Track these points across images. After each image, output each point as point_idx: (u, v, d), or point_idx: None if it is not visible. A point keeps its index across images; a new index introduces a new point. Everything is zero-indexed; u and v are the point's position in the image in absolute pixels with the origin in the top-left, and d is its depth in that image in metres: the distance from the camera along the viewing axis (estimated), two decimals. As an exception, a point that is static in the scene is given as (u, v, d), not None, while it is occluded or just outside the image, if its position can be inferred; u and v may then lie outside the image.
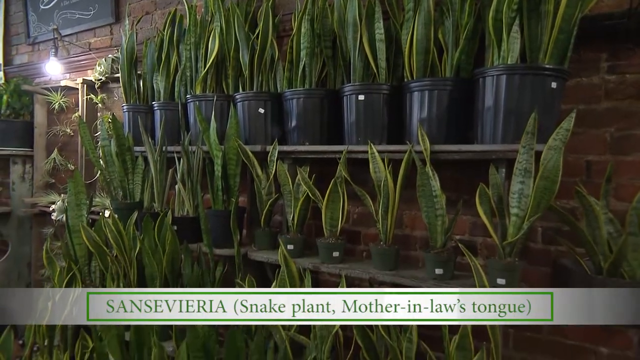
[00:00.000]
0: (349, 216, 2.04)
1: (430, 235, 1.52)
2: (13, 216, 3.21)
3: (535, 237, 1.70)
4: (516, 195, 1.37)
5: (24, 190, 3.21)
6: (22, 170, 3.22)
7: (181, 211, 2.06)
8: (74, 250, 2.13)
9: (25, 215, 3.21)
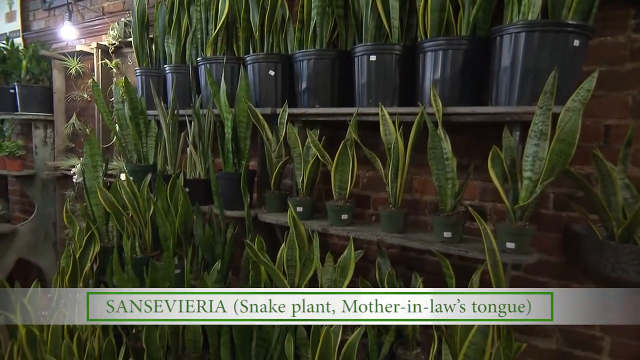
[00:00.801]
0: (359, 181, 1.98)
1: (439, 199, 1.45)
2: (37, 179, 3.24)
3: (546, 203, 1.63)
4: (530, 158, 1.29)
5: (46, 154, 3.22)
6: (43, 134, 3.22)
7: (193, 174, 2.03)
8: (92, 210, 2.13)
9: (49, 178, 3.23)
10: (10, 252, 3.19)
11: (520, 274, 1.71)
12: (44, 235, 3.33)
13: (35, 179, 3.23)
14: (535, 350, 1.71)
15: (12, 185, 3.81)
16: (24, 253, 3.25)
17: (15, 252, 3.22)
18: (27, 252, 3.27)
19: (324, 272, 1.44)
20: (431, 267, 1.84)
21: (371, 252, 1.98)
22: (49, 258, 3.36)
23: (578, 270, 1.60)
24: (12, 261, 3.21)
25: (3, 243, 3.17)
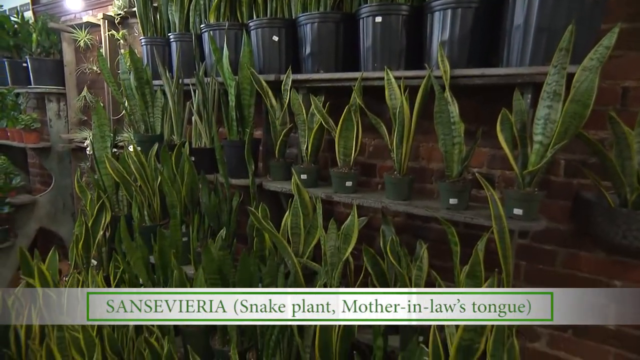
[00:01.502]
0: (365, 149, 1.90)
1: (445, 165, 1.37)
2: (53, 151, 3.23)
3: (557, 170, 1.53)
4: (541, 121, 1.19)
5: (60, 126, 3.20)
6: (57, 107, 3.18)
7: (198, 143, 1.97)
8: (102, 180, 2.11)
9: (64, 150, 3.22)
10: (31, 221, 3.23)
11: (527, 242, 1.64)
12: (63, 205, 3.35)
13: (51, 151, 3.22)
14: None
15: (32, 158, 3.82)
16: (45, 222, 3.29)
17: (37, 222, 3.25)
18: (47, 222, 3.30)
19: (328, 239, 1.39)
20: (436, 236, 1.78)
21: (376, 221, 1.92)
22: (68, 227, 3.40)
23: (587, 239, 1.52)
24: (33, 230, 3.25)
25: (25, 213, 3.20)
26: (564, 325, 1.61)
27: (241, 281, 1.41)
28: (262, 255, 1.59)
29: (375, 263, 1.42)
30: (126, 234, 1.72)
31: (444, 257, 1.75)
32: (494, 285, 0.96)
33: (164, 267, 1.79)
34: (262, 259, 1.58)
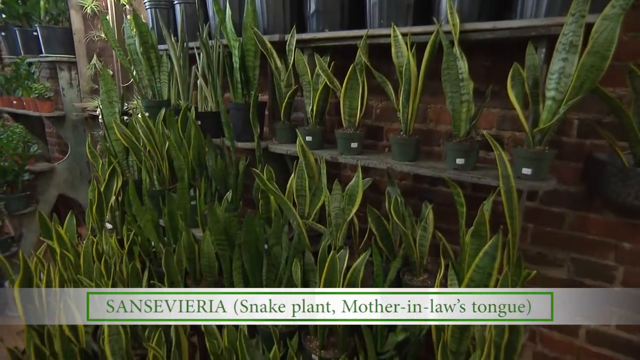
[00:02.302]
0: (372, 111, 1.83)
1: (453, 124, 1.30)
2: (67, 120, 3.22)
3: (569, 131, 1.45)
4: (555, 75, 1.10)
5: (73, 95, 3.16)
6: (68, 76, 3.14)
7: (204, 107, 1.92)
8: (112, 146, 2.09)
9: (78, 119, 3.20)
10: (51, 188, 3.27)
11: (535, 204, 1.58)
12: (80, 173, 3.37)
13: (66, 120, 3.21)
14: (545, 279, 1.62)
15: (49, 128, 3.84)
16: (64, 189, 3.33)
17: (56, 189, 3.29)
18: (66, 189, 3.34)
19: (332, 200, 1.35)
20: (443, 199, 1.73)
21: (383, 185, 1.88)
22: (85, 194, 3.42)
23: (597, 201, 1.45)
24: (53, 197, 3.30)
25: (44, 180, 3.24)
26: (570, 286, 1.57)
27: (247, 242, 1.39)
28: (267, 217, 1.57)
29: (379, 224, 1.38)
30: (135, 196, 1.71)
31: (450, 220, 1.70)
32: (498, 244, 0.92)
33: (173, 229, 1.78)
34: (267, 220, 1.56)
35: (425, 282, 1.31)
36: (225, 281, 1.57)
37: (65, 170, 3.31)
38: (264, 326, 1.45)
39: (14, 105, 3.23)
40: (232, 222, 1.48)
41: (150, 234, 1.75)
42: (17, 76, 3.08)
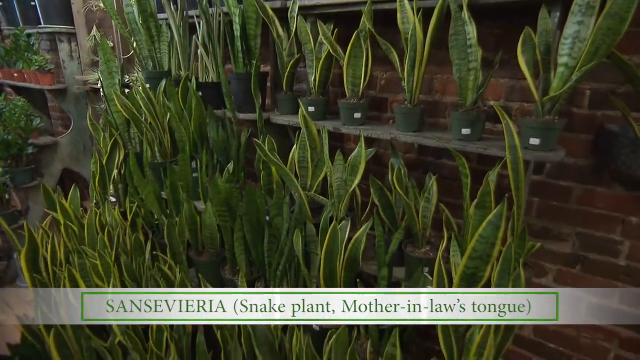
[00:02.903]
0: (376, 82, 1.78)
1: (459, 92, 1.25)
2: (69, 93, 3.19)
3: (581, 101, 1.39)
4: (569, 40, 1.05)
5: (74, 68, 3.12)
6: (68, 48, 3.08)
7: (205, 77, 1.88)
8: (114, 118, 2.06)
9: (80, 92, 3.17)
10: (55, 162, 3.28)
11: (541, 178, 1.54)
12: (83, 147, 3.37)
13: (67, 93, 3.18)
14: (549, 254, 1.61)
15: (51, 102, 3.81)
16: (68, 163, 3.33)
17: (60, 163, 3.30)
18: (70, 163, 3.34)
19: (334, 171, 1.33)
20: (448, 172, 1.69)
21: (386, 158, 1.84)
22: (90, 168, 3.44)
23: (606, 175, 1.41)
24: (58, 170, 3.31)
25: (49, 154, 3.24)
26: (574, 261, 1.56)
27: (248, 214, 1.38)
28: (269, 189, 1.55)
29: (382, 195, 1.36)
30: (136, 168, 1.70)
31: (454, 194, 1.68)
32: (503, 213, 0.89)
33: (175, 202, 1.78)
34: (269, 192, 1.54)
35: (428, 254, 1.30)
36: (227, 253, 1.58)
37: (69, 144, 3.30)
38: (266, 297, 1.46)
39: (15, 79, 3.20)
40: (233, 194, 1.47)
41: (153, 206, 1.74)
42: (16, 48, 3.03)
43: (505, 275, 1.01)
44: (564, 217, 1.54)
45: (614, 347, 1.56)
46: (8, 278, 3.15)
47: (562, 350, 1.68)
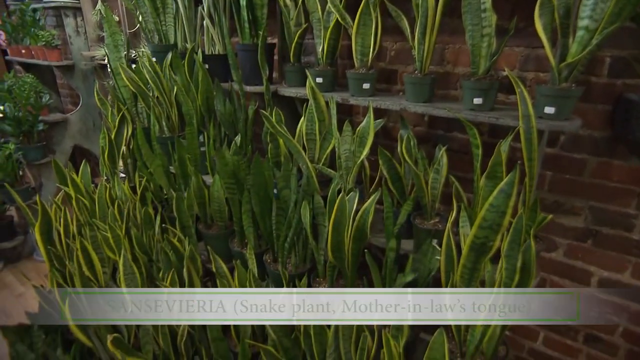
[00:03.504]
0: (386, 53, 1.73)
1: (471, 60, 1.20)
2: (77, 69, 3.17)
3: (600, 70, 1.34)
4: (591, 1, 0.99)
5: (80, 43, 3.09)
6: (74, 23, 3.05)
7: (212, 49, 1.84)
8: (121, 92, 2.05)
9: (87, 68, 3.15)
10: (66, 139, 3.30)
11: (554, 151, 1.50)
12: (92, 123, 3.38)
13: (75, 69, 3.16)
14: (560, 228, 1.58)
15: (60, 79, 3.81)
16: (78, 140, 3.36)
17: (71, 139, 3.32)
18: (80, 140, 3.37)
19: (342, 142, 1.31)
20: (458, 146, 1.66)
21: (395, 131, 1.81)
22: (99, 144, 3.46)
23: (622, 146, 1.37)
24: (69, 147, 3.34)
25: (59, 131, 3.26)
26: (585, 235, 1.53)
27: (255, 185, 1.38)
28: (277, 162, 1.54)
29: (391, 167, 1.34)
30: (144, 141, 1.69)
31: (464, 168, 1.65)
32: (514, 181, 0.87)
33: (184, 175, 1.78)
34: (277, 165, 1.53)
35: (436, 226, 1.29)
36: (236, 225, 1.58)
37: (79, 121, 3.32)
38: (274, 269, 1.47)
39: (23, 55, 3.19)
40: (240, 166, 1.46)
41: (161, 180, 1.75)
42: (22, 24, 3.01)
43: (515, 246, 0.99)
44: (576, 191, 1.50)
45: (623, 321, 1.55)
46: (25, 252, 3.23)
47: (569, 324, 1.68)
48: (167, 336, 1.44)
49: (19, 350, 1.55)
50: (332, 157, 1.55)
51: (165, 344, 1.46)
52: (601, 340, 1.62)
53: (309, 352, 1.18)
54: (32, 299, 2.60)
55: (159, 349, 1.51)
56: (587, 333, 1.65)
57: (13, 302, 2.62)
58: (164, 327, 1.42)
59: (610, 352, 1.62)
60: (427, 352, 1.01)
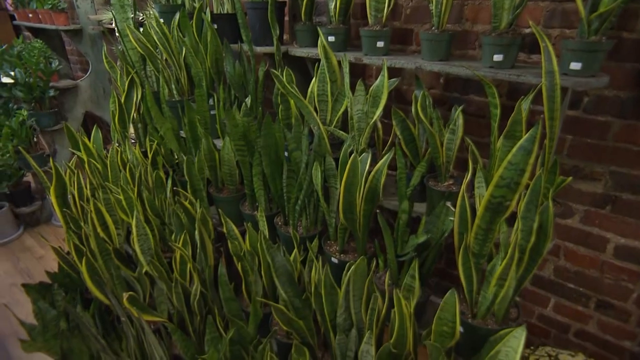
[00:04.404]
0: (401, 11, 1.64)
1: (493, 13, 1.13)
2: (85, 34, 3.13)
3: (633, 25, 1.25)
4: (628, -57, 0.91)
5: (87, 7, 3.03)
6: (80, -15, 2.98)
7: (220, 8, 1.78)
8: (129, 55, 2.01)
9: (95, 33, 3.10)
10: (77, 105, 3.30)
11: (577, 114, 1.44)
12: (103, 90, 3.36)
13: (83, 34, 3.12)
14: (577, 193, 1.54)
15: (69, 45, 3.77)
16: (89, 107, 3.36)
17: (82, 106, 3.33)
18: (91, 106, 3.37)
19: (354, 102, 1.27)
20: (474, 109, 1.60)
21: (410, 94, 1.76)
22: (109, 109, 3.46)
23: (652, 107, 1.30)
24: (80, 114, 3.34)
25: (70, 97, 3.26)
26: (604, 201, 1.49)
27: (266, 147, 1.36)
28: (288, 124, 1.51)
29: (404, 127, 1.30)
30: (153, 103, 1.67)
31: (480, 132, 1.60)
32: (536, 136, 0.82)
33: (194, 139, 1.77)
34: (288, 127, 1.50)
35: (450, 188, 1.26)
36: (246, 188, 1.58)
37: (89, 87, 3.30)
38: (285, 231, 1.47)
39: (31, 19, 3.15)
40: (251, 128, 1.44)
41: (171, 143, 1.74)
42: (29, -14, 2.96)
43: (532, 207, 0.96)
44: (597, 155, 1.45)
45: (638, 288, 1.53)
46: (43, 217, 3.32)
47: (582, 290, 1.67)
48: (180, 295, 1.47)
49: (42, 307, 1.61)
50: (344, 119, 1.51)
51: (179, 303, 1.49)
52: (613, 306, 1.61)
53: (319, 312, 1.19)
54: (52, 261, 2.69)
55: (173, 308, 1.55)
56: (599, 299, 1.64)
57: (34, 263, 2.72)
58: (178, 287, 1.45)
59: (621, 319, 1.61)
60: (438, 312, 1.01)
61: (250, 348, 1.39)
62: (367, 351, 1.07)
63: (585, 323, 1.72)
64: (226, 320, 1.50)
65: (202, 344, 1.56)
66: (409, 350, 1.07)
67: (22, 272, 2.63)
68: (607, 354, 1.69)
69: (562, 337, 1.79)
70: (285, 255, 1.29)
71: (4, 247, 2.92)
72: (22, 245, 2.95)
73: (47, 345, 1.54)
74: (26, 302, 2.30)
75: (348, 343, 1.19)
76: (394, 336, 1.01)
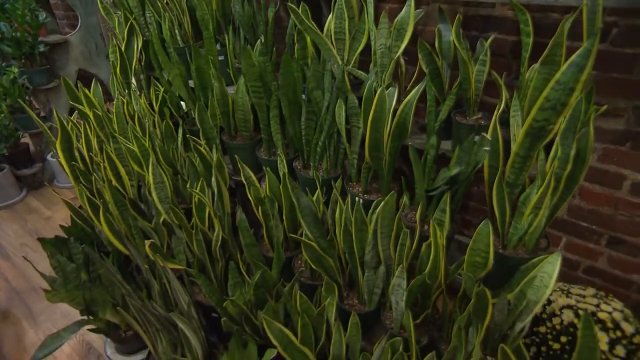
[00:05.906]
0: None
1: None
2: (72, -16, 2.92)
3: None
4: None
5: (72, -47, 2.80)
6: None
7: (224, -58, 1.64)
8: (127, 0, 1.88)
9: (83, -17, 2.90)
10: (69, 62, 3.14)
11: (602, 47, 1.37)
12: (95, 46, 3.19)
13: (70, -16, 2.91)
14: (597, 131, 1.51)
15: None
16: (82, 64, 3.20)
17: (74, 63, 3.16)
18: (84, 63, 3.20)
19: (378, 36, 1.19)
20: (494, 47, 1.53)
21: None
22: (105, 70, 3.30)
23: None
24: (74, 71, 3.19)
25: (61, 54, 3.09)
26: (624, 137, 1.46)
27: (284, 86, 1.29)
28: (304, 64, 1.43)
29: (430, 61, 1.23)
30: (160, 47, 1.58)
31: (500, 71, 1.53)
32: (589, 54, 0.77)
33: (203, 87, 1.68)
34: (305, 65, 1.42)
35: (479, 122, 1.22)
36: (263, 132, 1.52)
37: (80, 43, 3.13)
38: (305, 175, 1.44)
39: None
40: (267, 68, 1.36)
41: (180, 90, 1.66)
42: None
43: (569, 134, 0.93)
44: (622, 90, 1.40)
45: (652, 223, 1.54)
46: (45, 179, 3.24)
47: (595, 228, 1.68)
48: (201, 242, 1.46)
49: (60, 260, 1.59)
50: (361, 60, 1.44)
51: (200, 250, 1.48)
52: (625, 242, 1.63)
53: (348, 250, 1.18)
54: (61, 221, 2.66)
55: (192, 256, 1.54)
56: (611, 236, 1.66)
57: (43, 224, 2.68)
58: (199, 234, 1.43)
59: (632, 254, 1.64)
60: (470, 243, 1.00)
61: (273, 291, 1.39)
62: (398, 284, 1.07)
63: (595, 260, 1.75)
64: (247, 266, 1.50)
65: (223, 290, 1.56)
66: (440, 282, 1.07)
67: (31, 232, 2.60)
68: (615, 287, 1.74)
69: (571, 274, 1.83)
70: (309, 195, 1.26)
71: (9, 209, 2.87)
72: (27, 207, 2.90)
73: (70, 295, 1.53)
74: (40, 260, 2.28)
75: (376, 280, 1.19)
76: (428, 267, 1.01)
